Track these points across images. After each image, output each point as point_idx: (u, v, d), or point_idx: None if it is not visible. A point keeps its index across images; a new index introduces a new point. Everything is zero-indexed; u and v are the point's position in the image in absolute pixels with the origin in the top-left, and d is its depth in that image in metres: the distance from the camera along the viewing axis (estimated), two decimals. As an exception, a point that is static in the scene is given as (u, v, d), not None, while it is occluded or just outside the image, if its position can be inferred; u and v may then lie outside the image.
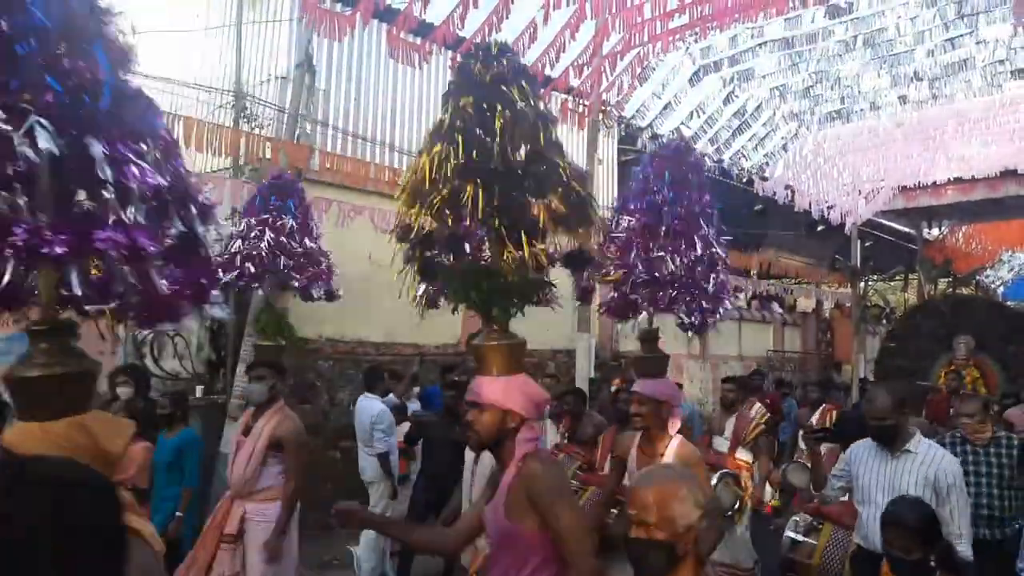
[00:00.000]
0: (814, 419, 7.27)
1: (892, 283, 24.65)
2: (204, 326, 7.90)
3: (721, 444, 5.90)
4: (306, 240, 5.20)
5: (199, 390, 7.65)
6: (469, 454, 3.95)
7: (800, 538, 4.24)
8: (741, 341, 16.64)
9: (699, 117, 10.77)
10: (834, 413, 7.23)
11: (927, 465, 3.48)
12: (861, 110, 10.77)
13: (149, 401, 5.41)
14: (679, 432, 3.82)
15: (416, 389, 8.25)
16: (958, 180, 12.81)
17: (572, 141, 11.69)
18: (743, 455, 5.70)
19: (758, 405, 6.06)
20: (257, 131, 8.04)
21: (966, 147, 11.24)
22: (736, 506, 5.03)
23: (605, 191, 12.47)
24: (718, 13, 7.56)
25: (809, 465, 4.91)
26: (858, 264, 16.27)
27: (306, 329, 8.61)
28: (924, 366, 9.51)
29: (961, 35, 8.40)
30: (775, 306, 18.68)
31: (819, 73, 9.83)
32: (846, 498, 4.07)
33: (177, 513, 5.06)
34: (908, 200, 14.15)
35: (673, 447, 3.61)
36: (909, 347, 9.86)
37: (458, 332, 10.37)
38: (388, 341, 9.42)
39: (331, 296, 5.55)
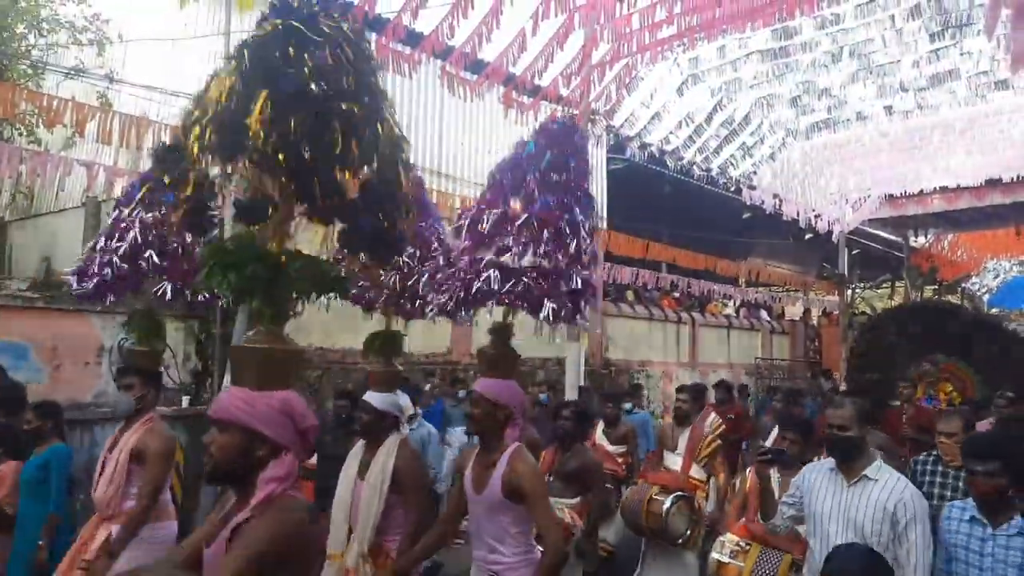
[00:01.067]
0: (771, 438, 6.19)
1: (879, 291, 24.83)
2: (191, 335, 7.85)
3: (673, 461, 5.47)
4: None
5: (185, 400, 7.59)
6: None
7: (726, 559, 4.08)
8: (730, 348, 16.70)
9: (688, 126, 10.83)
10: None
11: (887, 495, 3.03)
12: (848, 120, 10.87)
13: (9, 418, 4.71)
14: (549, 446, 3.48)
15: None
16: (943, 189, 12.95)
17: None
18: (697, 473, 5.33)
19: (713, 416, 5.68)
20: (245, 140, 8.01)
21: (951, 157, 11.35)
22: (688, 532, 4.73)
23: (595, 199, 12.48)
24: (706, 24, 7.61)
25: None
26: (845, 272, 16.39)
27: (294, 338, 8.57)
28: (892, 377, 9.05)
29: (946, 46, 8.50)
30: (763, 314, 18.76)
31: (806, 83, 9.92)
32: (801, 528, 3.60)
33: (39, 541, 4.26)
34: (894, 209, 14.29)
35: (505, 458, 3.07)
36: (874, 360, 9.52)
37: (448, 340, 10.37)
38: (377, 350, 9.38)
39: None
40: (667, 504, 4.67)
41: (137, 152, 7.66)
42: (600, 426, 6.61)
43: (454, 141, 10.55)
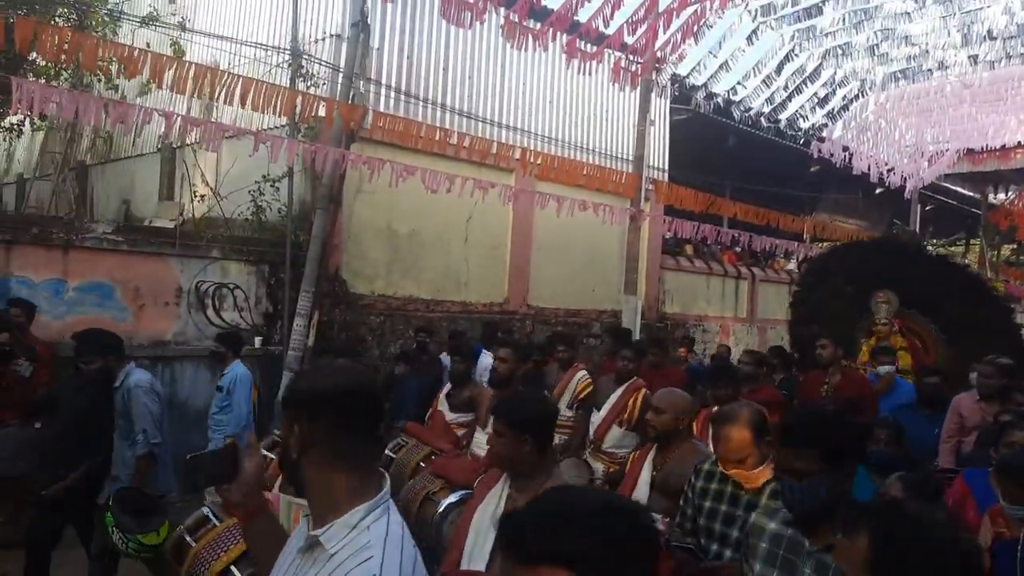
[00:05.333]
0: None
1: (953, 249, 23.88)
2: (262, 279, 8.19)
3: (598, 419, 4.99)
4: None
5: (257, 341, 7.98)
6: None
7: None
8: (790, 305, 16.41)
9: (756, 76, 10.50)
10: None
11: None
12: (928, 70, 10.35)
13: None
14: None
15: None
16: (1029, 144, 12.28)
17: (624, 101, 11.54)
18: (619, 443, 4.79)
19: (581, 372, 5.17)
20: (312, 90, 8.16)
21: (1039, 110, 10.73)
22: None
23: (656, 152, 12.31)
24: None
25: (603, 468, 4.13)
26: (917, 228, 15.80)
27: (358, 285, 8.86)
28: (842, 333, 7.22)
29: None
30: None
31: (885, 31, 9.46)
32: None
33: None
34: (974, 164, 13.65)
35: None
36: (821, 311, 7.68)
37: (505, 290, 10.52)
38: (437, 298, 9.62)
39: None
40: (440, 509, 3.49)
41: (209, 100, 7.91)
42: (446, 388, 5.18)
43: (516, 91, 10.48)
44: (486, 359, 7.11)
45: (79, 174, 11.81)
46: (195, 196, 9.04)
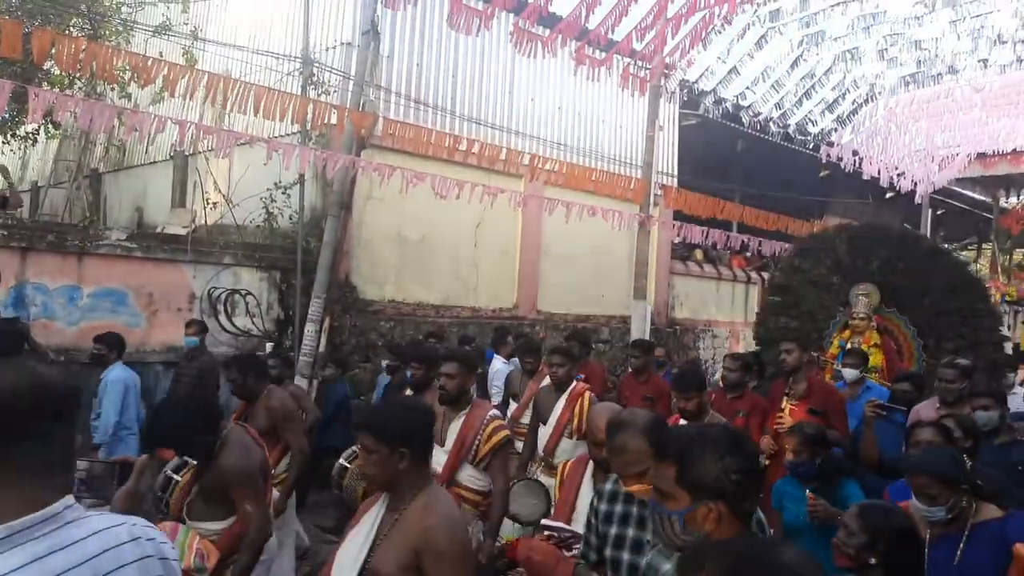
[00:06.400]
0: None
1: (964, 253, 23.76)
2: (274, 285, 8.25)
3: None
4: None
5: (268, 346, 8.03)
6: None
7: None
8: (800, 310, 16.35)
9: (765, 81, 10.50)
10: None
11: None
12: (938, 74, 10.32)
13: None
14: None
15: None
16: (1040, 148, 12.22)
17: (632, 107, 11.56)
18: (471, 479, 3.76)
19: (491, 412, 3.84)
20: (324, 97, 8.23)
21: (1051, 113, 10.69)
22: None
23: (665, 157, 12.33)
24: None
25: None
26: (928, 233, 15.74)
27: (369, 291, 8.91)
28: (819, 327, 6.83)
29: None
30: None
31: (894, 36, 9.45)
32: None
33: None
34: (985, 167, 13.60)
35: None
36: (799, 302, 7.17)
37: (514, 295, 10.55)
38: (447, 304, 9.65)
39: None
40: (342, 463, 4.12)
41: (221, 108, 7.99)
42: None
43: (525, 97, 10.53)
44: (497, 363, 7.13)
45: (92, 182, 11.95)
46: (207, 203, 9.12)
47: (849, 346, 6.34)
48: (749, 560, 1.18)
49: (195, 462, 3.15)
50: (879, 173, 12.79)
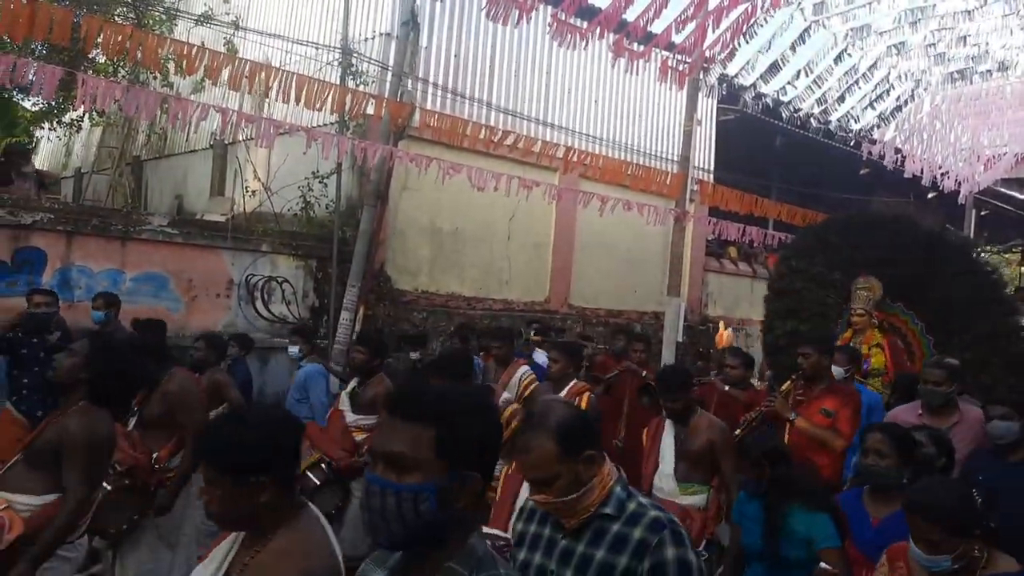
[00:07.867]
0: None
1: (1008, 255, 23.12)
2: (309, 274, 8.33)
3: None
4: None
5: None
6: None
7: None
8: (836, 310, 16.06)
9: (807, 76, 10.29)
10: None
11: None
12: (988, 71, 10.02)
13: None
14: None
15: None
16: (1093, 148, 11.81)
17: (670, 101, 11.43)
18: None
19: (524, 368, 4.59)
20: (362, 88, 8.28)
21: (1106, 113, 10.32)
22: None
23: (702, 152, 12.17)
24: (836, -33, 7.16)
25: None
26: (972, 234, 15.34)
27: (402, 281, 8.95)
28: (825, 325, 6.18)
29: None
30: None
31: (943, 30, 9.19)
32: None
33: None
34: (1033, 168, 13.18)
35: None
36: (803, 304, 6.49)
37: (546, 289, 10.52)
38: (479, 296, 9.66)
39: None
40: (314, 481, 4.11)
41: (262, 97, 8.07)
42: (352, 383, 4.73)
43: (562, 90, 10.48)
44: (539, 357, 7.05)
45: (134, 169, 12.16)
46: (246, 191, 9.23)
47: (840, 343, 5.60)
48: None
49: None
50: (922, 172, 12.45)
